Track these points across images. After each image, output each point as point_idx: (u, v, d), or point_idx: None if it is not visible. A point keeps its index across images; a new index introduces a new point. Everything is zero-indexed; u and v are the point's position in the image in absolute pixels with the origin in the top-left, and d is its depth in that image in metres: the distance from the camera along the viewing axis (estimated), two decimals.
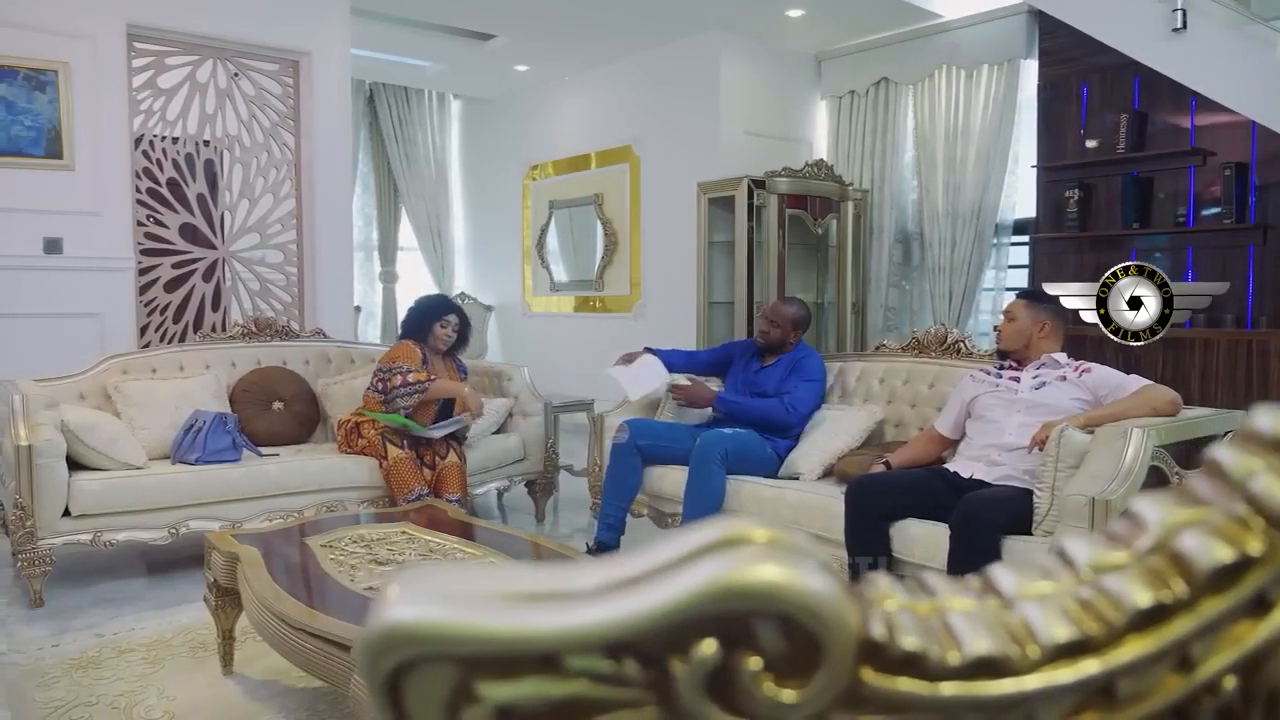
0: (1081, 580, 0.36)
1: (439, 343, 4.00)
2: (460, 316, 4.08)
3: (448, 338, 4.01)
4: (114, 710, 2.37)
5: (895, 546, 2.80)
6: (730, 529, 0.34)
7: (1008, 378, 2.99)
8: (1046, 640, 0.34)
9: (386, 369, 3.80)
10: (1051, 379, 2.89)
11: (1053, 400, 2.83)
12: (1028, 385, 2.92)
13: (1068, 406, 2.80)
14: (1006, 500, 2.66)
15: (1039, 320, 2.99)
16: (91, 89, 4.55)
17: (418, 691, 0.32)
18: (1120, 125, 5.04)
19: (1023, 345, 2.99)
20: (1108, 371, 2.89)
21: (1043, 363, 2.95)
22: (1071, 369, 2.90)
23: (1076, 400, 2.82)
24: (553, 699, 0.32)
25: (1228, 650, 0.36)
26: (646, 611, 0.32)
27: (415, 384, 3.77)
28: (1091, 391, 2.83)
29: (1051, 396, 2.85)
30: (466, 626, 0.32)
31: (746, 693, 0.32)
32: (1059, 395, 2.84)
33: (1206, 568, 0.35)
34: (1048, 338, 2.99)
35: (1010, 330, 3.02)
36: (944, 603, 0.35)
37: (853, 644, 0.32)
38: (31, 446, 3.09)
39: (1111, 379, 2.83)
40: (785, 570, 0.32)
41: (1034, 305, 3.04)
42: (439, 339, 3.99)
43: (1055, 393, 2.85)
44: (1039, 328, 2.98)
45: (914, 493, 2.84)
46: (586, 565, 0.34)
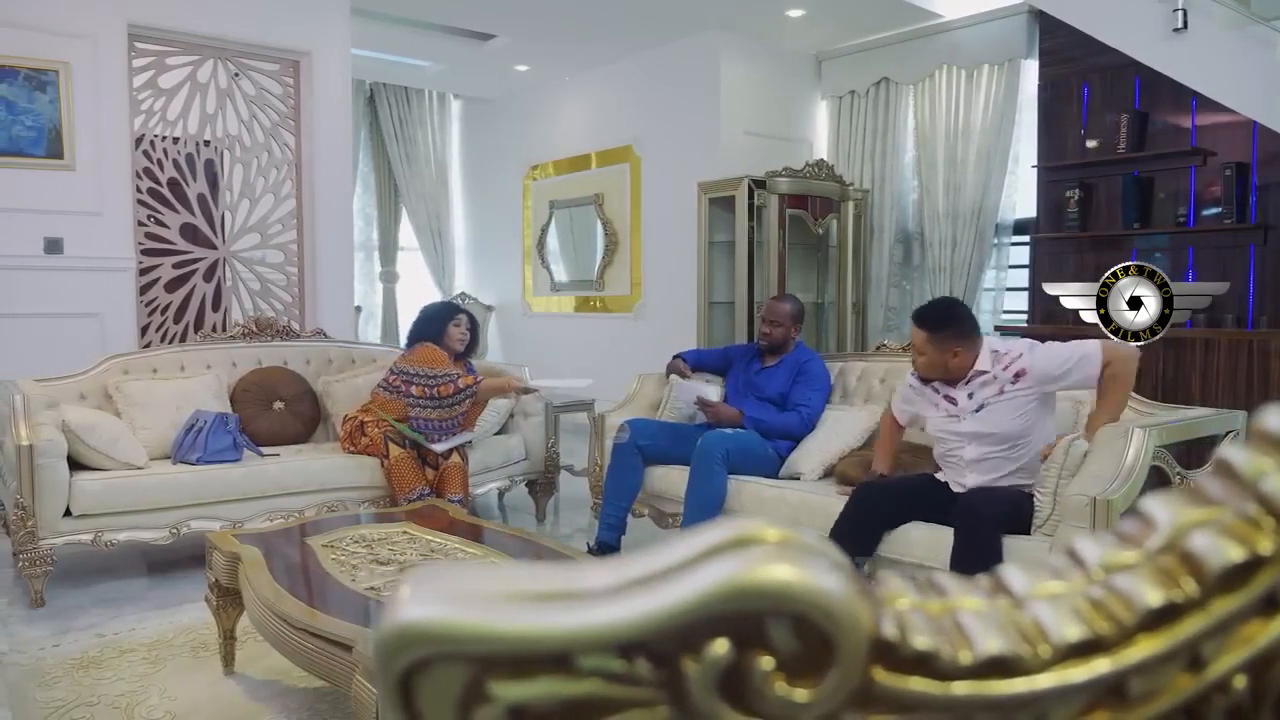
0: (1092, 580, 0.36)
1: (454, 343, 4.00)
2: (470, 318, 4.09)
3: (461, 338, 4.01)
4: (115, 710, 2.37)
5: (896, 548, 2.81)
6: (742, 529, 0.34)
7: (943, 395, 2.85)
8: (1058, 639, 0.34)
9: (424, 373, 3.80)
10: (988, 398, 2.75)
11: (998, 427, 2.72)
12: (968, 409, 2.78)
13: (1009, 428, 2.71)
14: (1006, 497, 2.66)
15: (946, 350, 2.77)
16: (92, 89, 4.55)
17: (430, 691, 0.32)
18: (1121, 125, 5.04)
19: (942, 373, 2.82)
20: (1048, 361, 2.69)
21: (970, 379, 2.79)
22: (1005, 372, 2.73)
23: (1020, 417, 2.71)
24: (565, 698, 0.32)
25: (1238, 649, 0.36)
26: (659, 611, 0.32)
27: (466, 389, 3.80)
28: (1035, 392, 2.71)
29: (996, 422, 2.72)
30: (479, 626, 0.32)
31: (758, 692, 0.32)
32: (1002, 418, 2.72)
33: (1217, 567, 0.35)
34: (961, 356, 2.78)
35: (924, 364, 2.83)
36: (955, 602, 0.35)
37: (865, 643, 0.32)
38: (33, 446, 3.10)
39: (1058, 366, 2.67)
40: (797, 570, 0.32)
41: (936, 335, 2.78)
42: (453, 340, 3.99)
43: (997, 416, 2.72)
44: (950, 355, 2.78)
45: (916, 499, 2.84)
46: (598, 565, 0.34)
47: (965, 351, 2.77)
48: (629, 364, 5.29)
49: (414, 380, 3.79)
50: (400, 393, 3.80)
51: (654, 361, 5.31)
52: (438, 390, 3.77)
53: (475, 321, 4.14)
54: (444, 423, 3.83)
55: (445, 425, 3.84)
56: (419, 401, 3.78)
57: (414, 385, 3.79)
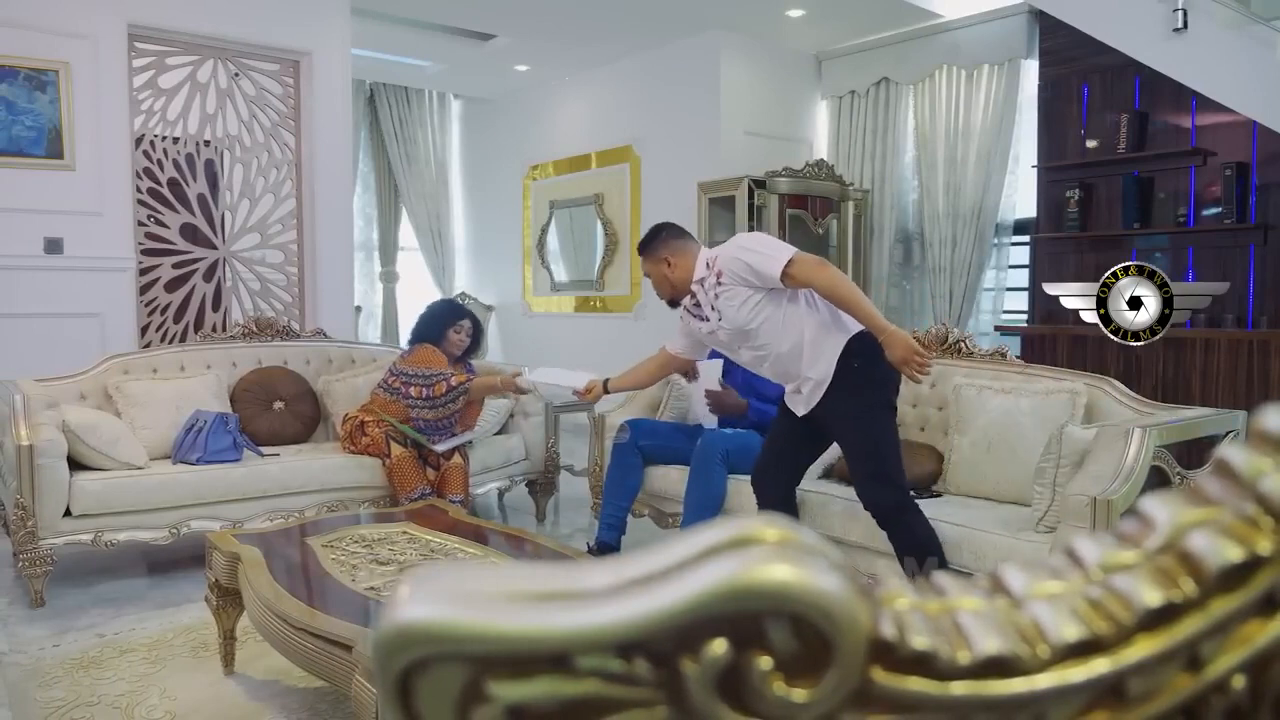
0: (1091, 580, 0.36)
1: (453, 348, 4.00)
2: (473, 322, 4.08)
3: (461, 343, 4.01)
4: (115, 710, 2.37)
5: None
6: (741, 528, 0.34)
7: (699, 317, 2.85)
8: (1057, 640, 0.34)
9: (420, 374, 3.80)
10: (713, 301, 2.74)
11: (732, 322, 2.72)
12: (713, 320, 2.79)
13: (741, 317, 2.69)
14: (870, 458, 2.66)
15: (659, 262, 2.85)
16: (92, 89, 4.55)
17: (429, 691, 0.32)
18: (1121, 125, 5.04)
19: (670, 289, 2.86)
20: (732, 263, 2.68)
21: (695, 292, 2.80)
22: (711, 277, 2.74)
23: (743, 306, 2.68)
24: (564, 699, 0.32)
25: (1237, 650, 0.36)
26: (658, 611, 0.32)
27: (458, 387, 3.80)
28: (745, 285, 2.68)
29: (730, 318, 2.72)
30: (478, 626, 0.32)
31: (757, 692, 0.32)
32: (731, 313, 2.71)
33: (1216, 567, 0.35)
34: (679, 267, 2.82)
35: (654, 285, 2.92)
36: (954, 602, 0.35)
37: (863, 643, 0.32)
38: (33, 446, 3.10)
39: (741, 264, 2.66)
40: (796, 570, 0.32)
41: (648, 252, 2.88)
42: (453, 345, 3.99)
43: (728, 312, 2.72)
44: (665, 266, 2.83)
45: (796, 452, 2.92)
46: (597, 565, 0.34)
47: (678, 260, 2.82)
48: (629, 364, 5.29)
49: (412, 381, 3.80)
50: (399, 394, 3.80)
51: None
52: (434, 389, 3.77)
53: (479, 325, 4.14)
54: (441, 422, 3.83)
55: (443, 425, 3.84)
56: (417, 403, 3.78)
57: (412, 386, 3.79)
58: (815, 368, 2.68)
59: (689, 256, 2.82)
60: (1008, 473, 3.02)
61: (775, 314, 2.69)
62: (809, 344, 2.69)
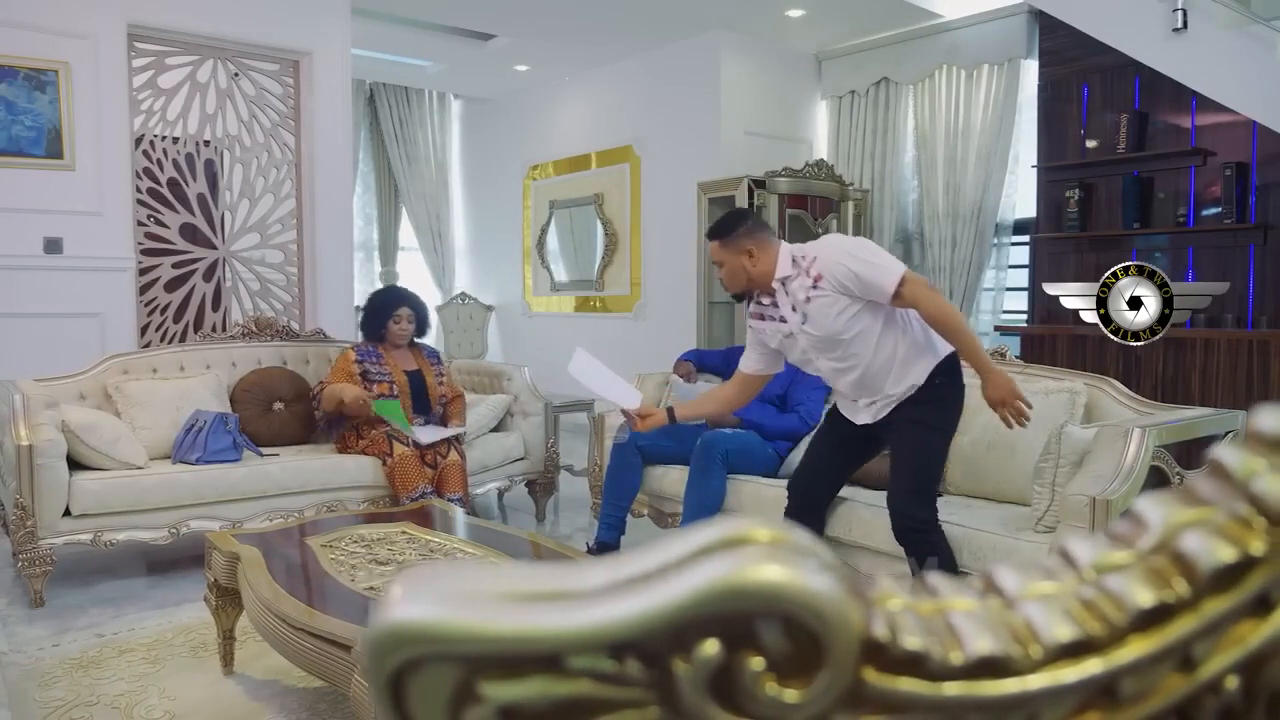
0: (1084, 580, 0.36)
1: (398, 339, 4.02)
2: (412, 305, 4.07)
3: (402, 333, 4.02)
4: (114, 710, 2.37)
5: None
6: (733, 529, 0.34)
7: (777, 319, 2.67)
8: (1049, 640, 0.34)
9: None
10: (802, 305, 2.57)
11: (822, 329, 2.55)
12: (795, 322, 2.61)
13: (836, 326, 2.53)
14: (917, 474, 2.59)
15: (740, 252, 2.62)
16: (92, 89, 4.55)
17: (420, 691, 0.32)
18: (1121, 125, 5.04)
19: (746, 281, 2.66)
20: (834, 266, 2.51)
21: (784, 287, 2.61)
22: (806, 277, 2.55)
23: (841, 315, 2.53)
24: (555, 699, 0.32)
25: (1230, 650, 0.36)
26: (649, 611, 0.32)
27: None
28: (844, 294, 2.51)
29: (820, 324, 2.55)
30: (469, 626, 0.32)
31: (749, 693, 0.32)
32: (823, 319, 2.54)
33: (1209, 568, 0.35)
34: (761, 260, 2.62)
35: (726, 276, 2.69)
36: (946, 602, 0.35)
37: (855, 644, 0.32)
38: (32, 446, 3.10)
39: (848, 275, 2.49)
40: (788, 570, 0.32)
41: (727, 240, 2.65)
42: (397, 336, 4.01)
43: (819, 318, 2.55)
44: (746, 257, 2.62)
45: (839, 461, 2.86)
46: (589, 565, 0.34)
47: (761, 252, 2.62)
48: (629, 364, 5.29)
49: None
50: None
51: (654, 361, 5.32)
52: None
53: (419, 307, 4.11)
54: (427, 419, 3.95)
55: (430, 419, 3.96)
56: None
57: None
58: (899, 385, 2.60)
59: (772, 251, 2.62)
60: (1007, 473, 3.02)
61: (872, 327, 2.55)
62: (900, 362, 2.58)
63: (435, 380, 4.04)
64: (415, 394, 3.95)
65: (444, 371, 4.16)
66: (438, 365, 4.14)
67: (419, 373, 4.02)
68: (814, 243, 2.68)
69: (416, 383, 3.98)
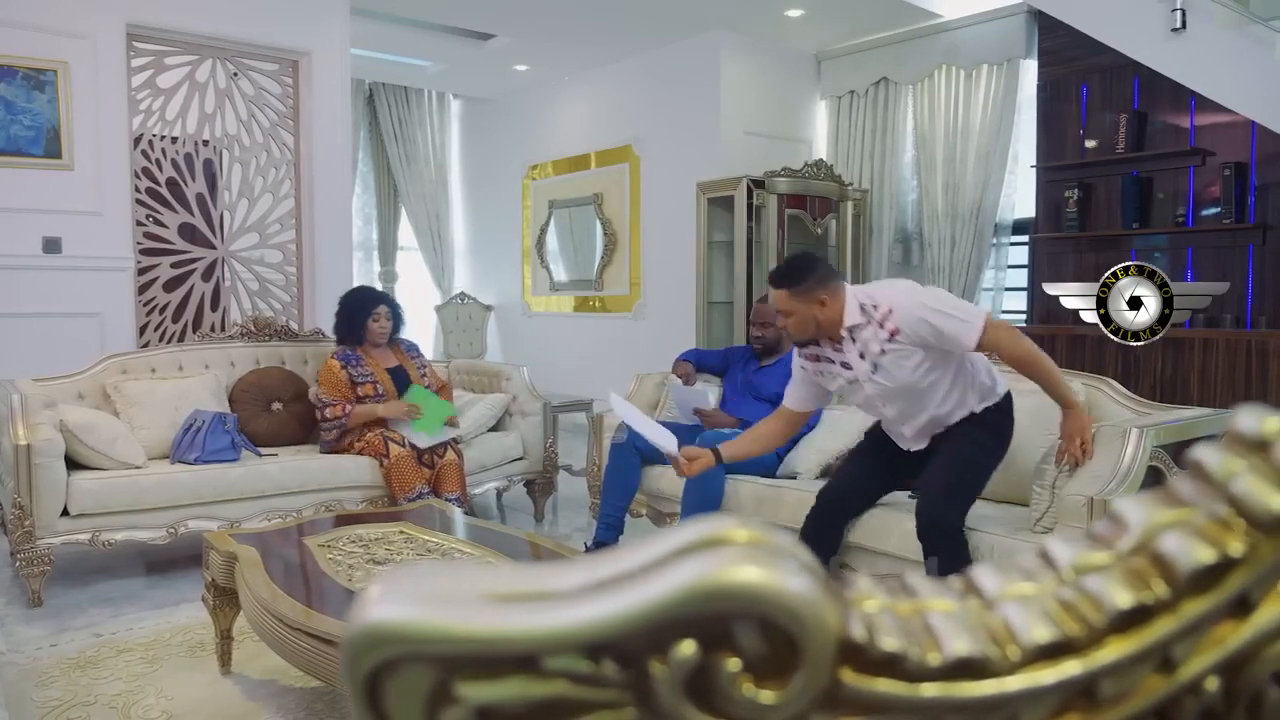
0: (1063, 581, 0.36)
1: (377, 338, 4.01)
2: (388, 303, 4.07)
3: (382, 331, 4.00)
4: (111, 710, 2.37)
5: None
6: (711, 530, 0.34)
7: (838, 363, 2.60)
8: (1027, 641, 0.34)
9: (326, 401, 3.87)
10: (875, 356, 2.51)
11: (899, 381, 2.51)
12: (863, 372, 2.55)
13: (914, 377, 2.50)
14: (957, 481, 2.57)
15: (812, 301, 2.52)
16: (91, 89, 4.55)
17: (397, 691, 0.32)
18: (1120, 125, 5.04)
19: (815, 330, 2.56)
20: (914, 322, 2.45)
21: (850, 336, 2.54)
22: (882, 333, 2.49)
23: (919, 367, 2.49)
24: (532, 700, 0.32)
25: (1210, 651, 0.35)
26: (626, 612, 0.32)
27: (334, 420, 3.82)
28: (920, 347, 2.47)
29: (896, 377, 2.51)
30: (445, 626, 0.32)
31: (725, 694, 0.32)
32: (900, 373, 2.50)
33: (1187, 569, 0.34)
34: (832, 308, 2.52)
35: (795, 324, 2.57)
36: (925, 603, 0.35)
37: (832, 645, 0.32)
38: (30, 446, 3.10)
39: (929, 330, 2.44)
40: (764, 572, 0.32)
41: (798, 290, 2.53)
42: (373, 334, 4.00)
43: (896, 371, 2.50)
44: (818, 306, 2.52)
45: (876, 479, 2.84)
46: (568, 565, 0.34)
47: (832, 299, 2.51)
48: (628, 364, 5.30)
49: (326, 405, 3.86)
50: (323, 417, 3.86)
51: (653, 361, 5.32)
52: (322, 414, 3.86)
53: (395, 305, 4.11)
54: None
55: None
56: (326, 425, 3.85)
57: (326, 409, 3.85)
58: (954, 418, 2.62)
59: (841, 297, 2.52)
60: (1007, 473, 3.01)
61: (944, 377, 2.53)
62: (964, 405, 2.60)
63: (418, 373, 4.05)
64: (400, 389, 3.96)
65: (425, 363, 4.17)
66: (418, 358, 4.15)
67: (400, 368, 4.03)
68: (881, 289, 2.60)
69: (400, 378, 4.00)
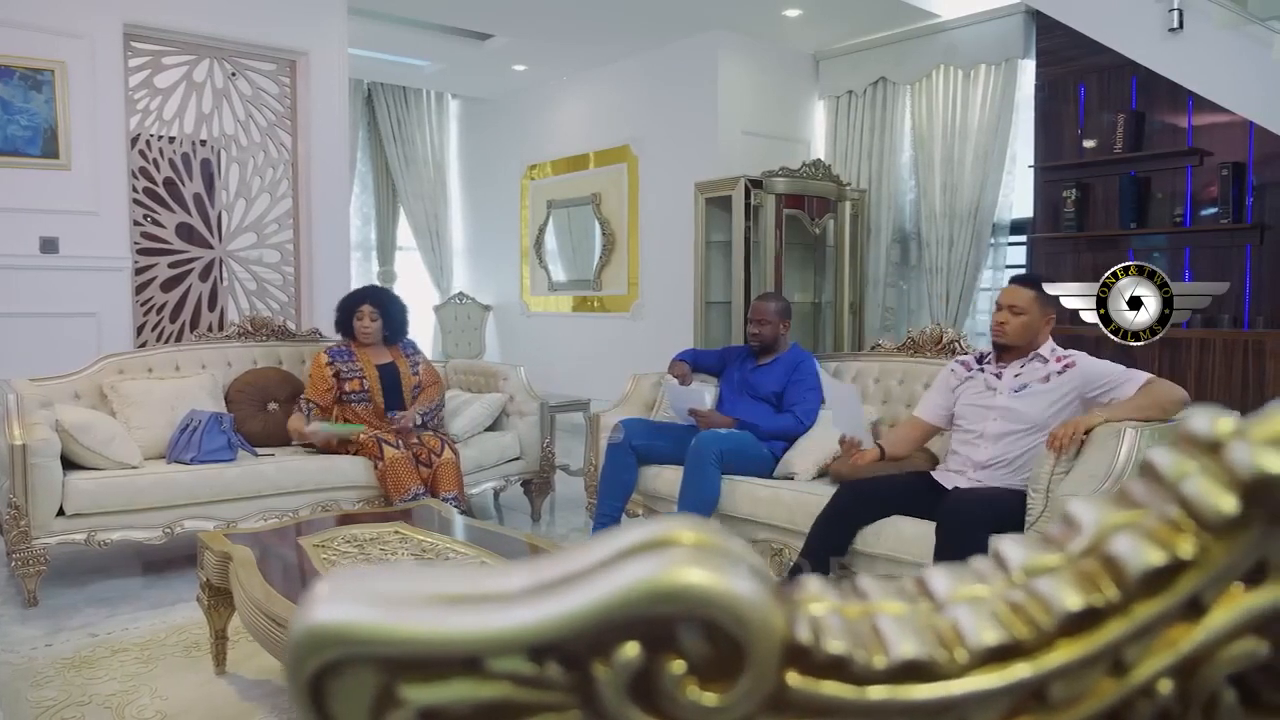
0: (1013, 583, 0.36)
1: (365, 337, 4.04)
2: (375, 303, 4.08)
3: (366, 330, 4.03)
4: (106, 710, 2.37)
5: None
6: (658, 531, 0.34)
7: (990, 371, 2.87)
8: (975, 644, 0.34)
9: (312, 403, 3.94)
10: (1034, 381, 2.78)
11: (1028, 410, 2.74)
12: (1008, 386, 2.80)
13: (1039, 416, 2.72)
14: (994, 499, 2.64)
15: (1048, 313, 2.82)
16: (88, 88, 4.55)
17: (341, 694, 0.32)
18: (1118, 125, 5.03)
19: (1029, 340, 2.81)
20: (1097, 365, 2.75)
21: (1030, 358, 2.82)
22: (1055, 363, 2.77)
23: (1053, 408, 2.73)
24: (476, 702, 0.32)
25: (1162, 654, 0.35)
26: (569, 614, 0.32)
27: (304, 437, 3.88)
28: (1076, 389, 2.73)
29: (1028, 405, 2.75)
30: (388, 628, 0.31)
31: (669, 696, 0.32)
32: (1035, 404, 2.74)
33: (1137, 571, 0.34)
34: (1047, 330, 2.84)
35: (1019, 325, 2.79)
36: (875, 606, 0.35)
37: (777, 648, 0.32)
38: (26, 446, 3.10)
39: (1104, 375, 2.71)
40: (709, 574, 0.32)
41: (1043, 297, 2.83)
42: (360, 334, 4.04)
43: (1033, 401, 2.75)
44: (1046, 321, 2.82)
45: (900, 496, 2.85)
46: (513, 567, 0.34)
47: (1051, 323, 2.83)
48: (626, 364, 5.29)
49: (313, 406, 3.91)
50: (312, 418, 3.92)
51: (651, 361, 5.32)
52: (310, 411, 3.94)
53: (385, 303, 4.13)
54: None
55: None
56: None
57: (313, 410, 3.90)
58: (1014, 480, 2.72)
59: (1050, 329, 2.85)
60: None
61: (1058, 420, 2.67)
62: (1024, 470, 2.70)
63: (410, 370, 4.06)
64: (388, 386, 3.98)
65: (420, 360, 4.18)
66: (412, 355, 4.18)
67: (392, 365, 4.05)
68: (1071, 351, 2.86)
69: (390, 375, 4.02)
